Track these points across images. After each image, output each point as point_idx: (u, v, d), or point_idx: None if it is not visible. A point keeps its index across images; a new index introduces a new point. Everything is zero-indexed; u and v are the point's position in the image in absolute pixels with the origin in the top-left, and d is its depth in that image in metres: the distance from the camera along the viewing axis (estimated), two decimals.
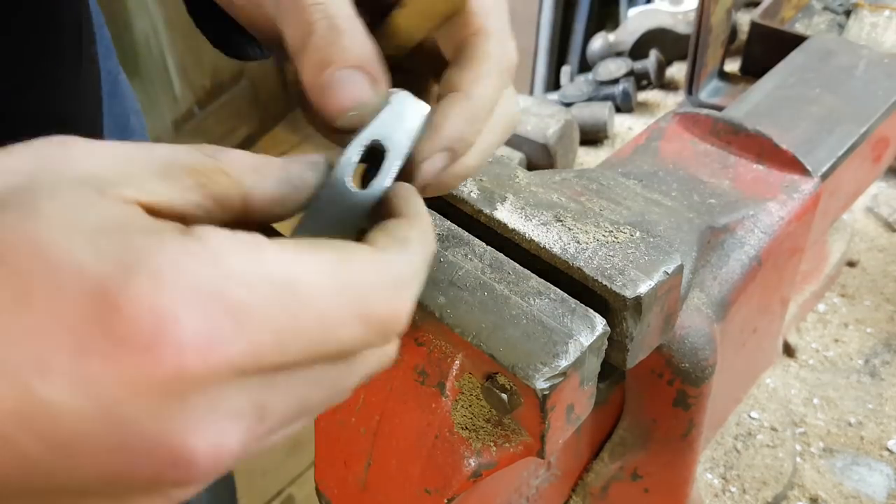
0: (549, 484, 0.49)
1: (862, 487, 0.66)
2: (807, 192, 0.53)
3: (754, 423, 0.72)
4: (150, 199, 0.21)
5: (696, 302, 0.47)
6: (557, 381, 0.35)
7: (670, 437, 0.49)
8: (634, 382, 0.48)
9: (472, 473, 0.39)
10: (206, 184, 0.23)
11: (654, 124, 0.59)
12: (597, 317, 0.37)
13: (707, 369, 0.46)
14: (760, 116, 0.58)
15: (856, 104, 0.60)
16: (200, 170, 0.23)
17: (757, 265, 0.50)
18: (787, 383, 0.76)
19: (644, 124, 1.11)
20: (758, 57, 1.03)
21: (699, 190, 0.52)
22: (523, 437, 0.38)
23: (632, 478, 0.52)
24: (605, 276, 0.38)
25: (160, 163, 0.22)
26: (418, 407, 0.40)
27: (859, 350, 0.78)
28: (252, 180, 0.24)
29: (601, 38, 1.27)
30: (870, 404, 0.73)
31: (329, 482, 0.47)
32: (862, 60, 0.65)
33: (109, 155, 0.22)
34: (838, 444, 0.70)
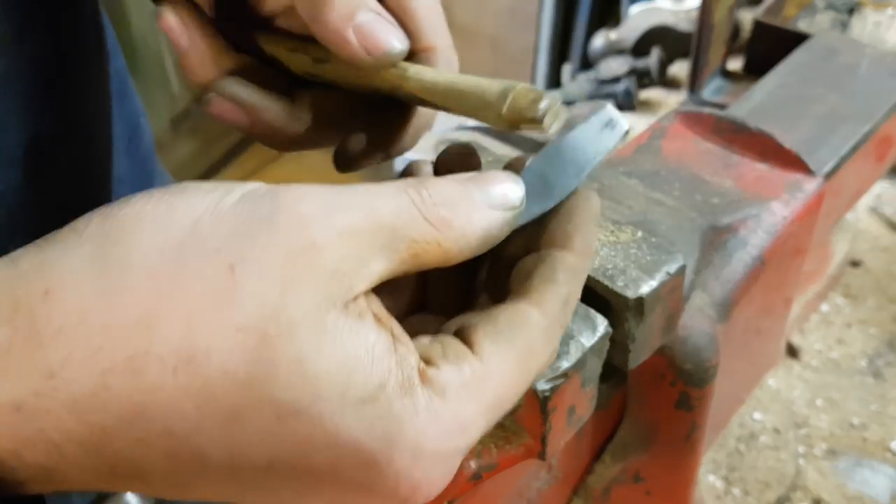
0: (550, 486, 0.49)
1: (865, 489, 0.66)
2: (810, 192, 0.52)
3: (757, 424, 0.71)
4: (373, 283, 0.24)
5: (698, 302, 0.47)
6: (559, 382, 0.35)
7: (672, 438, 0.49)
8: (636, 384, 0.48)
9: (473, 475, 0.38)
10: (419, 254, 0.25)
11: (657, 123, 0.58)
12: (598, 317, 0.37)
13: (709, 370, 0.45)
14: (763, 115, 0.58)
15: (859, 103, 0.60)
16: (419, 241, 0.25)
17: (760, 265, 0.50)
18: (790, 384, 0.75)
19: (646, 123, 1.10)
20: (760, 55, 1.03)
21: (702, 189, 0.52)
22: (524, 438, 0.38)
23: (634, 480, 0.52)
24: (606, 277, 0.38)
25: (387, 236, 0.24)
26: None
27: (863, 351, 0.78)
28: (457, 249, 0.26)
29: (603, 36, 1.27)
30: (873, 406, 0.73)
31: None
32: (865, 59, 0.65)
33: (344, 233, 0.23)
34: (841, 446, 0.70)
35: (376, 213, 0.24)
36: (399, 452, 0.23)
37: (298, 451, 0.22)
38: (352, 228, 0.23)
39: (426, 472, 0.23)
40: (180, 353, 0.21)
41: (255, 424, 0.22)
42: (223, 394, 0.21)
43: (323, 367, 0.22)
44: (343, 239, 0.23)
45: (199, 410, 0.21)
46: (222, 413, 0.22)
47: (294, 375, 0.22)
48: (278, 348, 0.21)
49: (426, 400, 0.23)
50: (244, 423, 0.22)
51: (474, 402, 0.24)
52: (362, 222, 0.24)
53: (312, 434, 0.22)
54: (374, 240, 0.24)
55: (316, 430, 0.22)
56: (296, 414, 0.22)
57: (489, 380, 0.25)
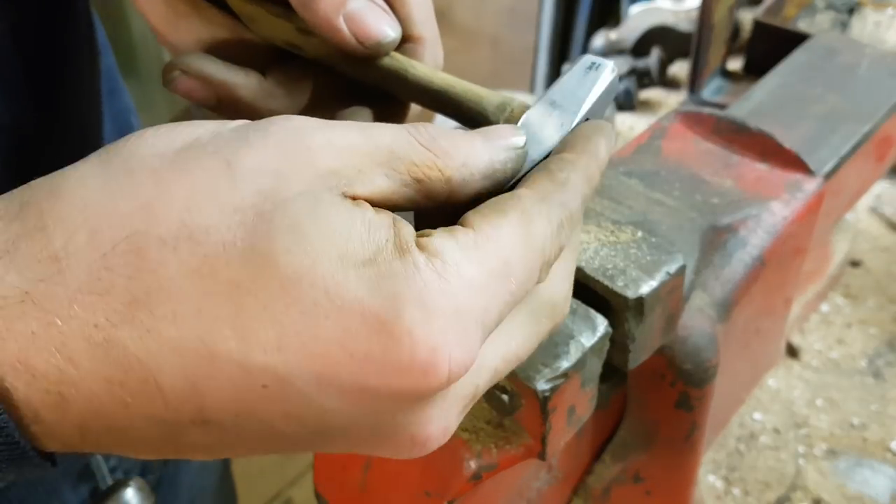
0: (550, 486, 0.49)
1: (865, 489, 0.66)
2: (810, 192, 0.52)
3: (757, 424, 0.71)
4: (374, 195, 0.24)
5: (698, 302, 0.47)
6: (558, 382, 0.35)
7: (672, 438, 0.49)
8: (636, 384, 0.47)
9: (473, 476, 0.38)
10: (421, 179, 0.25)
11: (657, 123, 0.58)
12: (598, 317, 0.37)
13: (709, 370, 0.45)
14: (763, 115, 0.58)
15: (859, 103, 0.60)
16: (419, 164, 0.25)
17: (760, 265, 0.50)
18: (790, 384, 0.75)
19: (646, 123, 1.10)
20: (760, 55, 1.03)
21: (702, 189, 0.52)
22: (524, 438, 0.38)
23: (634, 480, 0.52)
24: (606, 277, 0.38)
25: (385, 155, 0.25)
26: None
27: (863, 351, 0.78)
28: (461, 177, 0.26)
29: (602, 36, 1.26)
30: (873, 406, 0.73)
31: (328, 485, 0.47)
32: (865, 59, 0.65)
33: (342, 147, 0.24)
34: (842, 446, 0.70)
35: (374, 136, 0.25)
36: (406, 308, 0.22)
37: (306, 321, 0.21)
38: (349, 143, 0.24)
39: (441, 331, 0.22)
40: (179, 233, 0.22)
41: (259, 298, 0.21)
42: (224, 267, 0.21)
43: (320, 232, 0.22)
44: (340, 150, 0.24)
45: (202, 288, 0.21)
46: (225, 288, 0.21)
47: (292, 242, 0.22)
48: (275, 220, 0.22)
49: (425, 260, 0.23)
50: (248, 297, 0.21)
51: (475, 264, 0.23)
52: (359, 139, 0.24)
53: (317, 300, 0.21)
54: (372, 156, 0.24)
55: (320, 296, 0.21)
56: (297, 280, 0.21)
57: (487, 242, 0.24)
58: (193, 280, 0.21)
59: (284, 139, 0.24)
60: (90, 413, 0.22)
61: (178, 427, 0.22)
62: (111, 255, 0.21)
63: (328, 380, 0.22)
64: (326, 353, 0.22)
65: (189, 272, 0.21)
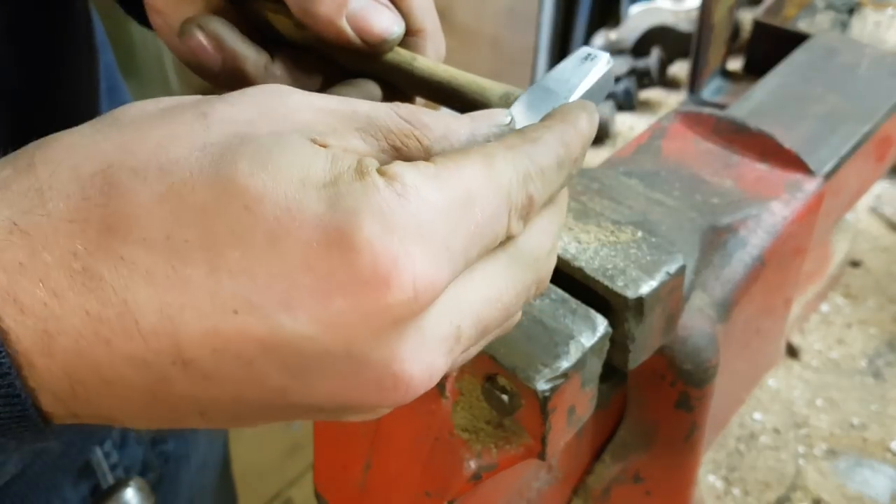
0: (550, 486, 0.49)
1: (865, 490, 0.66)
2: (810, 192, 0.52)
3: (757, 424, 0.71)
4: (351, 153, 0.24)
5: (698, 302, 0.47)
6: (558, 382, 0.35)
7: (672, 439, 0.49)
8: (636, 384, 0.47)
9: (473, 476, 0.38)
10: (399, 147, 0.25)
11: (657, 123, 0.58)
12: (598, 317, 0.37)
13: (709, 371, 0.45)
14: (763, 115, 0.58)
15: (859, 103, 0.60)
16: (397, 133, 0.25)
17: (760, 265, 0.50)
18: (790, 384, 0.75)
19: (646, 123, 1.10)
20: (760, 55, 1.03)
21: (702, 189, 0.52)
22: (524, 438, 0.38)
23: (633, 480, 0.52)
24: (606, 277, 0.38)
25: (363, 120, 0.25)
26: (417, 408, 0.40)
27: (863, 351, 0.78)
28: (440, 147, 0.26)
29: (602, 36, 1.26)
30: (873, 406, 0.73)
31: (328, 484, 0.47)
32: (865, 59, 0.65)
33: (320, 107, 0.25)
34: (841, 446, 0.70)
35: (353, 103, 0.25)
36: (365, 221, 0.22)
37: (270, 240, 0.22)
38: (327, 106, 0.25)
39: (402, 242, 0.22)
40: (150, 164, 0.22)
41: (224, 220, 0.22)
42: (190, 192, 0.22)
43: (283, 159, 0.22)
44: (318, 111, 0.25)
45: (170, 213, 0.22)
46: (192, 212, 0.22)
47: (255, 166, 0.22)
48: (240, 149, 0.23)
49: (385, 181, 0.23)
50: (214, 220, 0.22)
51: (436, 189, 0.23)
52: (338, 104, 0.25)
53: (279, 219, 0.22)
54: (350, 119, 0.25)
55: (282, 214, 0.22)
56: (259, 200, 0.22)
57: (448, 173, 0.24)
58: (161, 206, 0.22)
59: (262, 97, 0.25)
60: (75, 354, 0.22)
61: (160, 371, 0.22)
62: (88, 185, 0.22)
63: (295, 301, 0.22)
64: (290, 272, 0.22)
65: (157, 199, 0.22)
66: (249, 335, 0.22)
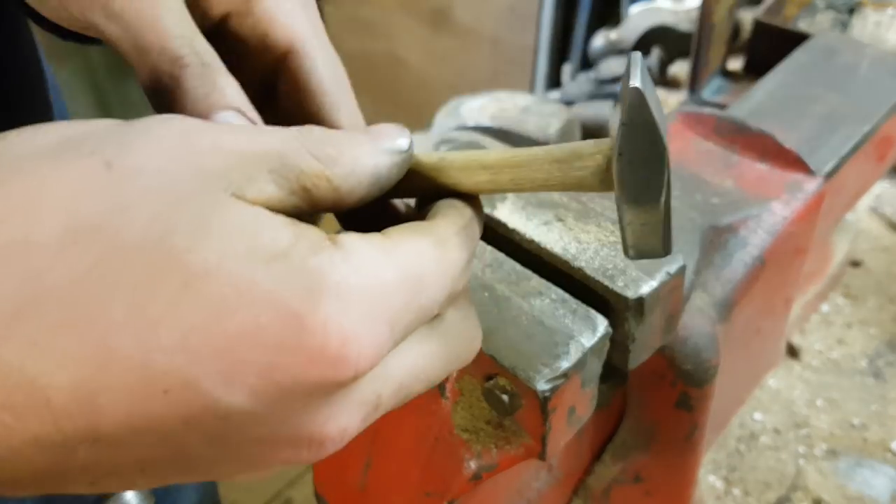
0: (550, 486, 0.48)
1: (865, 490, 0.66)
2: (810, 192, 0.52)
3: (757, 424, 0.71)
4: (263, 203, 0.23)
5: (698, 302, 0.47)
6: (559, 382, 0.35)
7: (673, 439, 0.49)
8: (636, 384, 0.47)
9: (473, 476, 0.38)
10: (309, 189, 0.25)
11: None
12: (598, 317, 0.37)
13: (710, 371, 0.45)
14: (763, 115, 0.58)
15: (860, 103, 0.59)
16: (307, 173, 0.25)
17: (760, 265, 0.50)
18: (790, 385, 0.75)
19: None
20: (761, 55, 1.03)
21: (702, 189, 0.52)
22: (524, 438, 0.38)
23: (634, 480, 0.52)
24: (606, 277, 0.38)
25: (273, 163, 0.24)
26: (418, 409, 0.40)
27: (863, 351, 0.78)
28: (348, 187, 0.26)
29: (603, 36, 1.27)
30: (873, 406, 0.73)
31: (328, 485, 0.47)
32: (866, 59, 0.65)
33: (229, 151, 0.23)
34: (842, 446, 0.70)
35: (262, 140, 0.24)
36: (323, 300, 0.21)
37: (213, 317, 0.20)
38: (237, 147, 0.23)
39: (353, 324, 0.22)
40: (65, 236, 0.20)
41: (160, 298, 0.20)
42: (119, 267, 0.20)
43: (226, 226, 0.21)
44: (228, 153, 0.23)
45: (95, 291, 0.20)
46: (121, 290, 0.20)
47: (194, 239, 0.21)
48: (172, 218, 0.21)
49: (341, 256, 0.22)
50: (147, 298, 0.20)
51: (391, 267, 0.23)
52: (247, 144, 0.24)
53: (225, 295, 0.20)
54: (261, 162, 0.23)
55: (227, 290, 0.21)
56: (203, 275, 0.20)
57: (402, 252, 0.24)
58: (84, 284, 0.20)
59: (168, 139, 0.22)
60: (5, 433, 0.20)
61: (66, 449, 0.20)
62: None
63: (236, 376, 0.21)
64: (235, 348, 0.21)
65: (79, 276, 0.20)
66: (177, 412, 0.21)
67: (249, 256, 0.21)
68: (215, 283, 0.21)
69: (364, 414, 0.24)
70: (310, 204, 0.25)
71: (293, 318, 0.21)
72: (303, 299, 0.21)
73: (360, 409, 0.24)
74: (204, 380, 0.21)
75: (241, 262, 0.21)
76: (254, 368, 0.21)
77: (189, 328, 0.20)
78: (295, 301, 0.21)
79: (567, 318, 0.37)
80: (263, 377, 0.21)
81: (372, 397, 0.24)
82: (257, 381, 0.21)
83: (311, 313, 0.21)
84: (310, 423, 0.23)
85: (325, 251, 0.22)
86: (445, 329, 0.27)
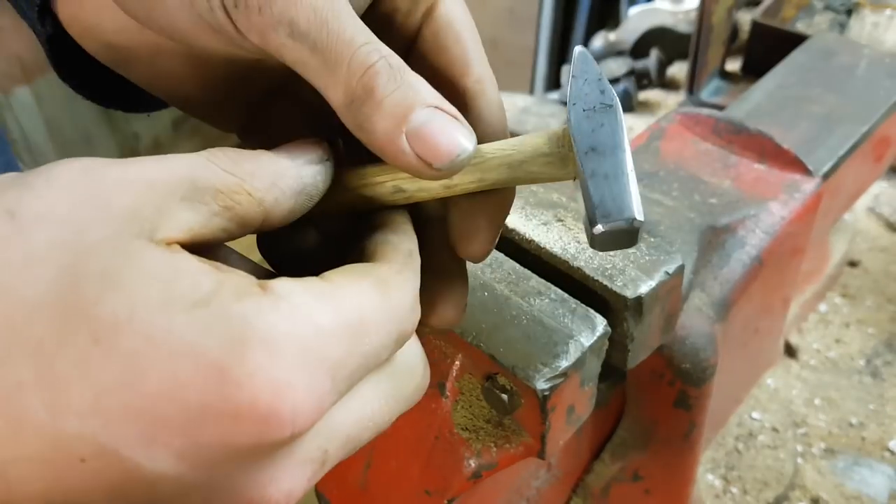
0: (550, 485, 0.49)
1: (863, 488, 0.66)
2: (808, 192, 0.53)
3: (755, 423, 0.71)
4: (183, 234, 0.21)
5: (697, 302, 0.47)
6: (558, 381, 0.35)
7: (671, 437, 0.49)
8: (635, 383, 0.48)
9: (472, 474, 0.38)
10: (231, 206, 0.23)
11: (655, 124, 0.58)
12: (597, 317, 0.37)
13: (708, 370, 0.45)
14: (762, 116, 0.58)
15: (857, 103, 0.60)
16: (224, 191, 0.23)
17: (758, 265, 0.50)
18: (788, 384, 0.75)
19: (645, 124, 1.10)
20: (759, 56, 1.03)
21: (700, 190, 0.52)
22: (524, 437, 0.38)
23: (633, 479, 0.52)
24: (605, 277, 0.38)
25: (185, 187, 0.22)
26: (418, 408, 0.40)
27: (861, 350, 0.78)
28: (272, 198, 0.24)
29: (602, 37, 1.27)
30: (871, 405, 0.73)
31: (328, 483, 0.47)
32: (863, 60, 0.65)
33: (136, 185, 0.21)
34: (840, 445, 0.70)
35: (170, 167, 0.22)
36: (248, 351, 0.19)
37: (128, 374, 0.19)
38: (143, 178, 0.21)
39: (285, 372, 0.20)
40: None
41: (68, 355, 0.19)
42: (23, 325, 0.19)
43: (135, 278, 0.19)
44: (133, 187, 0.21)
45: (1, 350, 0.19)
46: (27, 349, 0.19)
47: (102, 289, 0.19)
48: (78, 269, 0.19)
49: (270, 302, 0.20)
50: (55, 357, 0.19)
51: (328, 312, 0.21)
52: (156, 173, 0.22)
53: (138, 348, 0.19)
54: (173, 190, 0.22)
55: (141, 343, 0.19)
56: (114, 330, 0.19)
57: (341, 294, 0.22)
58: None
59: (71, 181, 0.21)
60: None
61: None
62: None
63: (157, 439, 0.19)
64: (153, 408, 0.19)
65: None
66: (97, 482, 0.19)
67: (165, 305, 0.19)
68: (127, 336, 0.19)
69: (310, 473, 0.22)
70: (237, 223, 0.23)
71: (216, 371, 0.19)
72: (226, 350, 0.19)
73: (305, 469, 0.22)
74: (122, 445, 0.19)
75: (155, 312, 0.19)
76: (176, 430, 0.19)
77: (101, 388, 0.19)
78: (217, 352, 0.19)
79: (566, 318, 0.37)
80: (188, 438, 0.19)
81: (317, 454, 0.22)
82: (181, 442, 0.19)
83: (236, 365, 0.19)
84: (249, 489, 0.21)
85: (251, 297, 0.20)
86: (392, 372, 0.25)
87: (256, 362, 0.19)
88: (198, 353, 0.19)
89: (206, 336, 0.19)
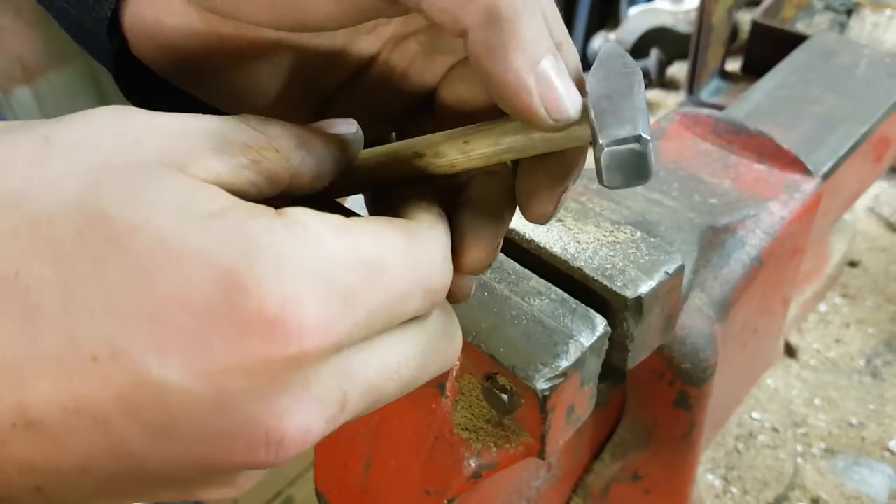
0: (550, 485, 0.49)
1: (863, 488, 0.66)
2: (808, 192, 0.53)
3: (755, 423, 0.71)
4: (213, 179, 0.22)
5: (697, 302, 0.47)
6: (558, 381, 0.35)
7: (671, 437, 0.49)
8: (635, 383, 0.48)
9: (472, 474, 0.38)
10: (259, 161, 0.23)
11: (655, 124, 0.58)
12: (597, 317, 0.37)
13: (708, 370, 0.45)
14: (762, 116, 0.58)
15: (857, 104, 0.60)
16: (253, 146, 0.23)
17: (758, 265, 0.50)
18: (788, 384, 0.75)
19: None
20: (759, 56, 1.03)
21: (700, 190, 0.52)
22: (523, 437, 0.38)
23: (632, 479, 0.52)
24: (605, 277, 0.38)
25: (214, 138, 0.23)
26: (418, 408, 0.40)
27: (861, 350, 0.78)
28: (299, 157, 0.25)
29: (602, 37, 1.27)
30: (871, 405, 0.73)
31: (329, 483, 0.47)
32: (863, 60, 0.65)
33: (169, 130, 0.22)
34: (840, 445, 0.70)
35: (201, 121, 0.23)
36: (258, 259, 0.19)
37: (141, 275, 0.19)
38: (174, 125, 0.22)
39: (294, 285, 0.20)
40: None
41: (85, 255, 0.19)
42: (45, 227, 0.19)
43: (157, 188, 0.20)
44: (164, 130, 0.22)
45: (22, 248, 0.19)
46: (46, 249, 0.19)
47: (123, 195, 0.20)
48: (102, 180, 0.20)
49: (284, 223, 0.21)
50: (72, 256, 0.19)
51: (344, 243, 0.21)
52: (188, 123, 0.23)
53: (153, 251, 0.19)
54: (201, 138, 0.22)
55: (156, 246, 0.19)
56: (130, 231, 0.19)
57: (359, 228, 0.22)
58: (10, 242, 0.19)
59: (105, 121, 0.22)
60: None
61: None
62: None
63: (168, 344, 0.19)
64: (164, 312, 0.19)
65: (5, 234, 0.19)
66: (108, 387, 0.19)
67: (181, 213, 0.20)
68: (142, 238, 0.19)
69: (328, 414, 0.22)
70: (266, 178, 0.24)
71: (224, 276, 0.19)
72: (236, 258, 0.19)
73: (323, 408, 0.22)
74: (133, 348, 0.19)
75: (171, 218, 0.20)
76: (185, 334, 0.19)
77: (115, 287, 0.19)
78: (227, 259, 0.19)
79: (566, 318, 0.37)
80: (196, 345, 0.19)
81: (336, 394, 0.22)
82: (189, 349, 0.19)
83: (245, 272, 0.19)
84: (264, 417, 0.20)
85: (266, 216, 0.21)
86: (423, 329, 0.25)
87: (265, 272, 0.19)
88: (208, 259, 0.19)
89: (217, 244, 0.20)
